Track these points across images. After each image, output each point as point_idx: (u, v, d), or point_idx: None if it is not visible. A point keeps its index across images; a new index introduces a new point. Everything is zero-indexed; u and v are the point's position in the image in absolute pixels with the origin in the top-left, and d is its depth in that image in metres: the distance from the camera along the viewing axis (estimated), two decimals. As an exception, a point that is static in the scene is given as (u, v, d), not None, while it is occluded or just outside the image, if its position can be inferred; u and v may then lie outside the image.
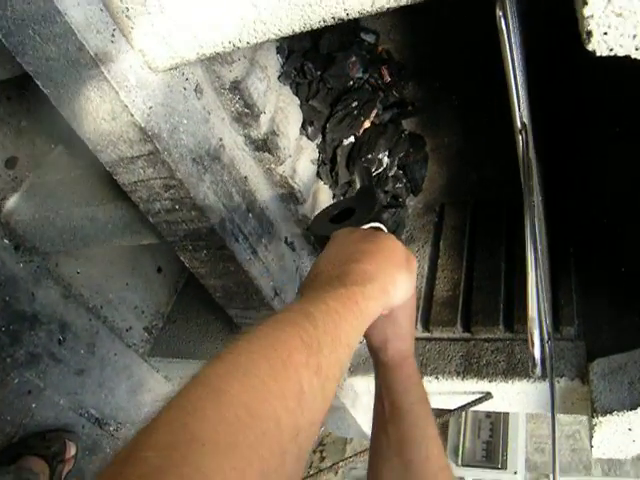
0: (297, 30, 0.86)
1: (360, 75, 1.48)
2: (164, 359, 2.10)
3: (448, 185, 2.00)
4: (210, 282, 1.33)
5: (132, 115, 0.98)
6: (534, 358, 0.91)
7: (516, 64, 0.79)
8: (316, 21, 0.84)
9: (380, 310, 0.62)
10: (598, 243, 1.65)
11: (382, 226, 0.79)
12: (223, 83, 1.14)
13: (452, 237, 1.94)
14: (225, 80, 1.13)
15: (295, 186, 1.35)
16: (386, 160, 1.59)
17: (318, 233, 0.86)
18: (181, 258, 1.30)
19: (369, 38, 1.57)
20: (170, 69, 1.04)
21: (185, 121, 1.09)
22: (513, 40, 0.77)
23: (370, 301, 0.59)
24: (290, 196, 1.37)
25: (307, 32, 1.46)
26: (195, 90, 1.12)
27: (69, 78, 0.95)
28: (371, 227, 0.78)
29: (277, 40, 1.30)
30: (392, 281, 0.64)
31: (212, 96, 1.16)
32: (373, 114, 1.52)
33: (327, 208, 0.93)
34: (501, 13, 0.73)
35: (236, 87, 1.14)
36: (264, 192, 1.34)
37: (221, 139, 1.19)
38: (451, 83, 1.69)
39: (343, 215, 0.86)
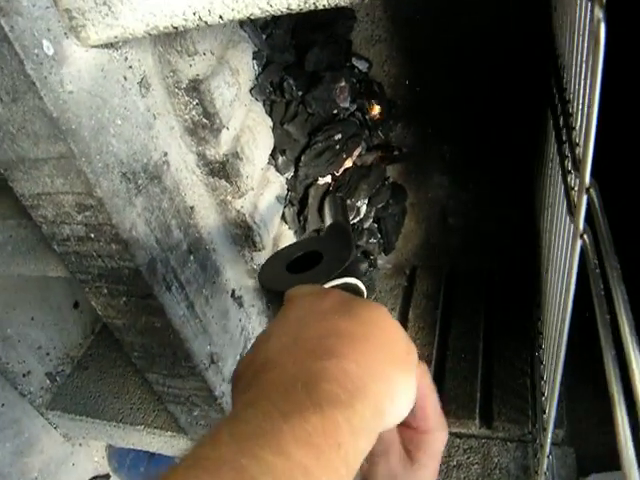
0: (294, 6, 0.60)
1: (347, 105, 1.24)
2: (65, 414, 1.73)
3: (424, 246, 1.76)
4: (127, 338, 1.02)
5: (41, 98, 0.68)
6: None
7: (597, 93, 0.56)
8: (325, -5, 0.58)
9: (369, 449, 0.35)
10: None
11: (359, 284, 0.53)
12: (179, 80, 0.86)
13: (423, 306, 1.69)
14: (182, 76, 0.86)
15: (254, 227, 1.07)
16: (364, 209, 1.34)
17: (269, 286, 0.58)
18: (92, 303, 0.98)
19: (361, 65, 1.33)
20: (108, 45, 0.75)
21: (119, 121, 0.80)
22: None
23: (360, 437, 0.33)
24: (246, 239, 1.09)
25: (291, 44, 1.22)
26: (140, 83, 0.84)
27: (-49, 31, 0.65)
28: (345, 284, 0.52)
29: (255, 44, 1.04)
30: (389, 392, 0.37)
31: (162, 95, 0.88)
32: (356, 153, 1.27)
33: (284, 249, 0.66)
34: (601, 15, 0.50)
35: (195, 88, 0.86)
36: (213, 230, 1.05)
37: (166, 154, 0.90)
38: (445, 132, 1.47)
39: (305, 262, 0.59)
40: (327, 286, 0.53)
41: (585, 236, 0.65)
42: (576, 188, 0.73)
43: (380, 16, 1.31)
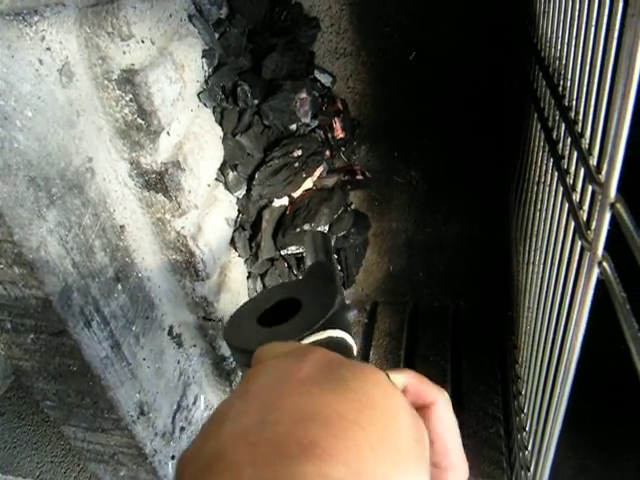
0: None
1: (307, 120, 1.11)
2: (-28, 469, 1.49)
3: (386, 280, 1.63)
4: (37, 384, 0.83)
5: None
6: None
7: None
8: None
9: None
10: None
11: (348, 338, 0.42)
12: (109, 69, 0.71)
13: (386, 345, 1.55)
14: (113, 65, 0.71)
15: (197, 252, 0.91)
16: (324, 237, 1.20)
17: (233, 343, 0.45)
18: (-7, 340, 0.80)
19: (324, 79, 1.22)
20: (17, 16, 0.60)
21: (30, 114, 0.64)
22: None
23: None
24: (187, 266, 0.93)
25: (247, 47, 1.09)
26: (60, 71, 0.68)
27: None
28: (329, 338, 0.40)
29: (206, 42, 0.90)
30: None
31: (88, 88, 0.72)
32: (317, 173, 1.14)
33: (258, 296, 0.55)
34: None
35: (129, 80, 0.71)
36: (148, 254, 0.89)
37: (91, 159, 0.74)
38: (413, 156, 1.36)
39: (282, 312, 0.47)
40: (306, 342, 0.40)
41: (605, 263, 0.53)
42: (585, 207, 0.61)
43: (346, 27, 1.20)
